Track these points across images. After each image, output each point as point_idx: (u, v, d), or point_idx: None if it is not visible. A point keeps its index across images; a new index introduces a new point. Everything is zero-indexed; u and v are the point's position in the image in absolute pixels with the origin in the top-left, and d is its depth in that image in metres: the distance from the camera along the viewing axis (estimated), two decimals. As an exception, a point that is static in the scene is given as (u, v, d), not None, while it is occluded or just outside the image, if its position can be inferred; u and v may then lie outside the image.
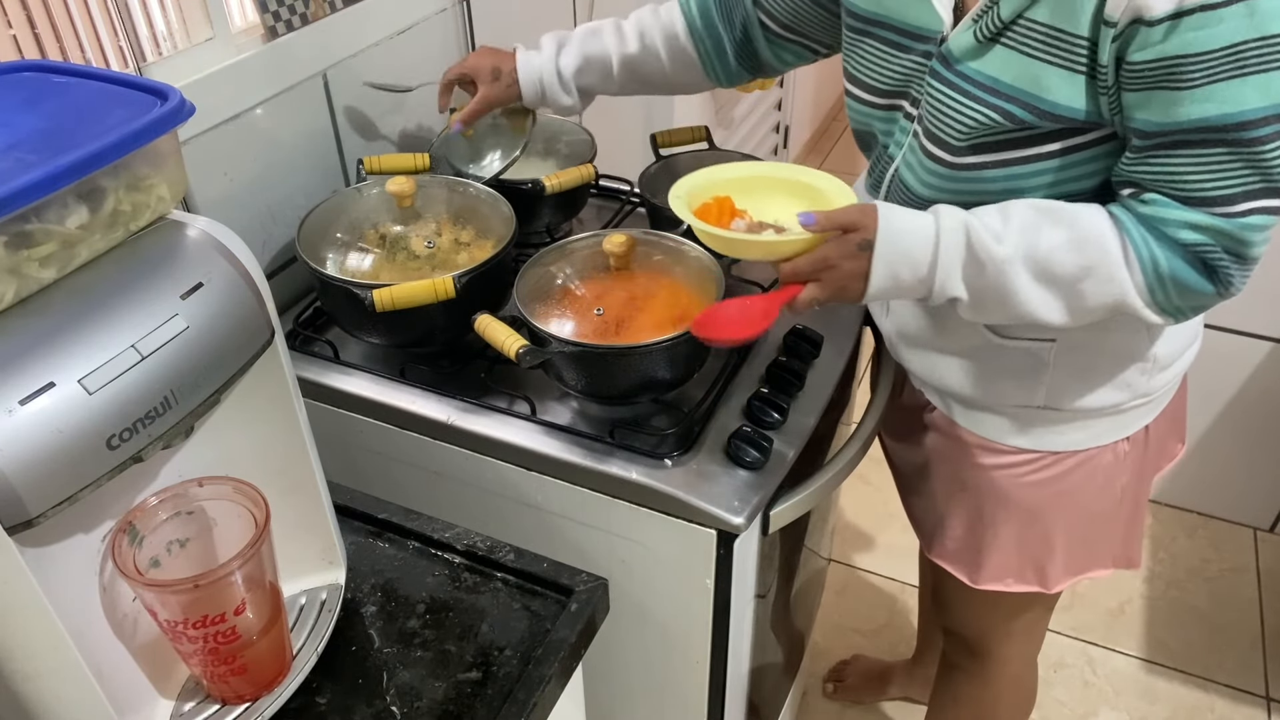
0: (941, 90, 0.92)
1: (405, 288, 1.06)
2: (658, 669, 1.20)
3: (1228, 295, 0.86)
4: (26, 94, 0.65)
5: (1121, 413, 1.05)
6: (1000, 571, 1.17)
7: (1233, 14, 0.75)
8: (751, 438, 1.03)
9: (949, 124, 0.92)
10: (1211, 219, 0.81)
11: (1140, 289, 0.85)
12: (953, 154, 0.93)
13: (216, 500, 0.73)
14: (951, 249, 0.87)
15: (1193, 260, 0.84)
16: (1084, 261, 0.85)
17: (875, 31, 0.98)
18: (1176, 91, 0.79)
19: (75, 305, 0.61)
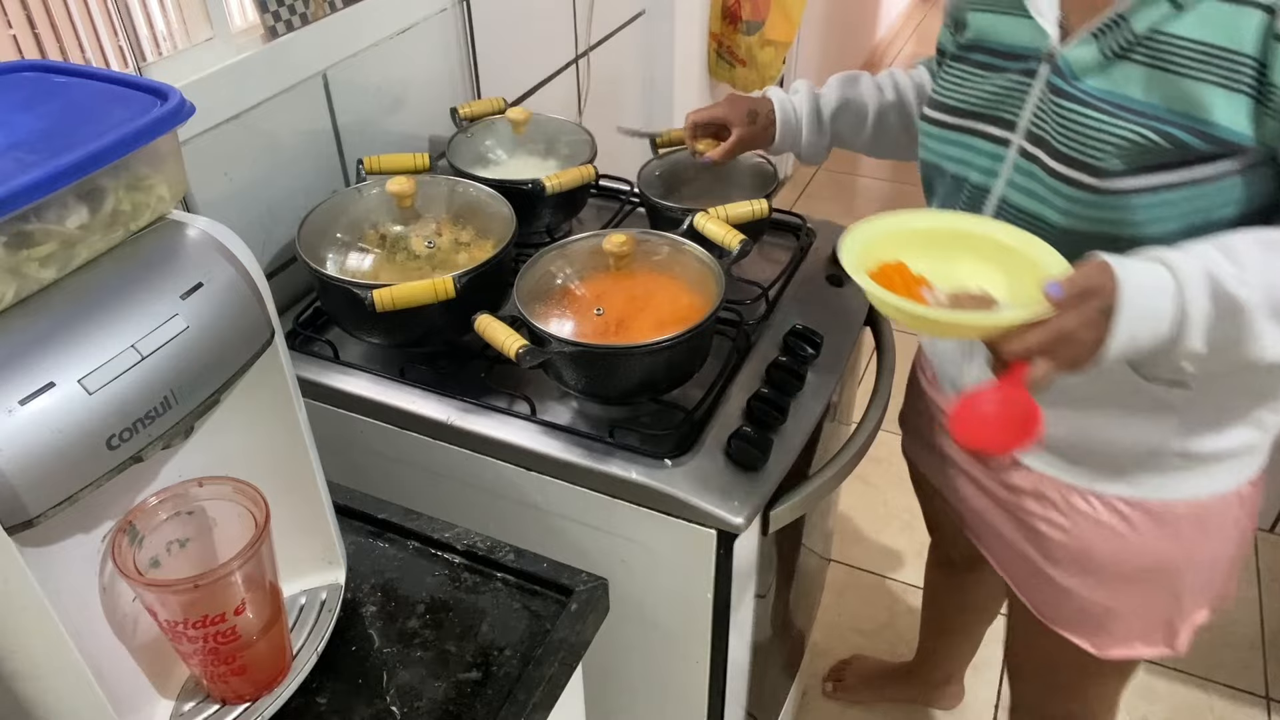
0: (1069, 108, 0.86)
1: (405, 288, 1.06)
2: (658, 669, 1.19)
3: None
4: (26, 94, 0.65)
5: (1251, 453, 1.00)
6: (1129, 638, 1.10)
7: None
8: (751, 438, 1.03)
9: (1092, 144, 0.85)
10: None
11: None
12: (1099, 176, 0.85)
13: (216, 500, 0.73)
14: (1197, 301, 0.78)
15: None
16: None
17: (972, 56, 0.96)
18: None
19: (75, 305, 0.61)
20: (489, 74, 1.59)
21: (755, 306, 1.23)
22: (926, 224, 0.93)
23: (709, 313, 1.02)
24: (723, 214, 1.20)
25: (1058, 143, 0.88)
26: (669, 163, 1.39)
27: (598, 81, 1.99)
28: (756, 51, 2.55)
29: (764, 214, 1.24)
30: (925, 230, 0.92)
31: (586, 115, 1.98)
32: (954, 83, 0.98)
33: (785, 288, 1.27)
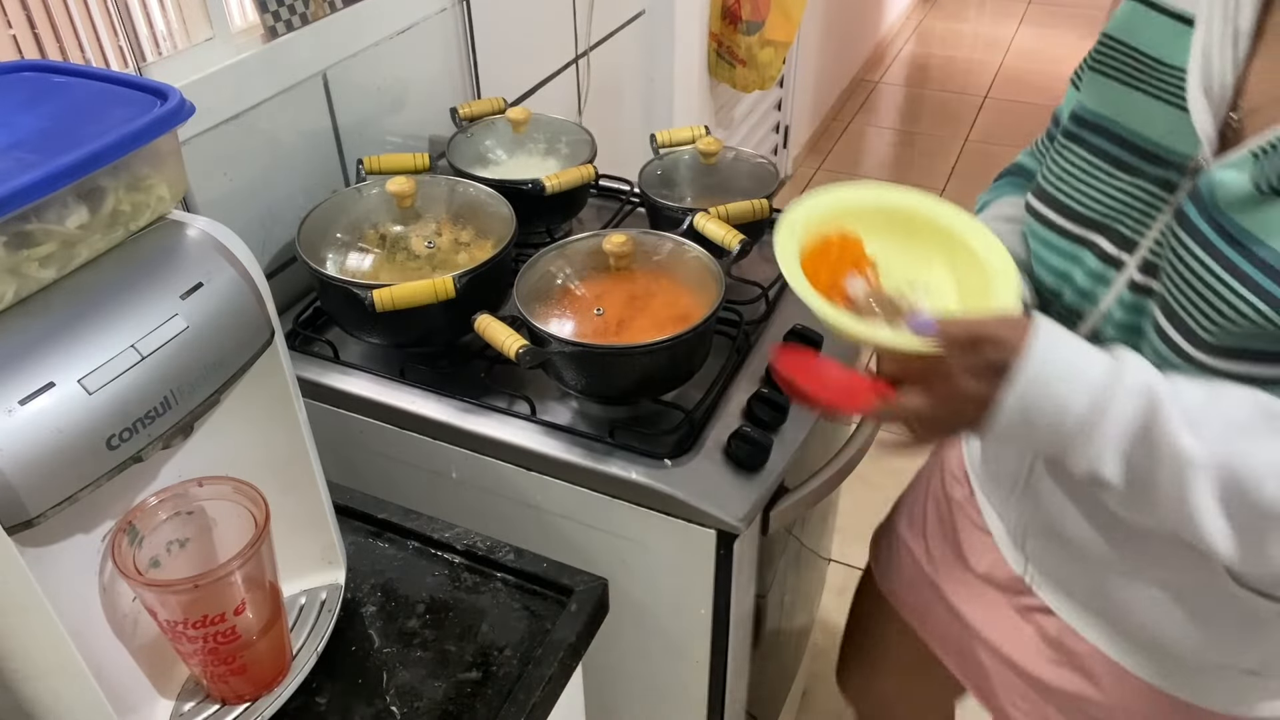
0: (1195, 252, 0.66)
1: (405, 288, 1.06)
2: (658, 669, 1.20)
3: None
4: (26, 94, 0.65)
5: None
6: None
7: None
8: (751, 438, 1.03)
9: (1202, 307, 0.66)
10: None
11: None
12: (1206, 352, 0.66)
13: (216, 500, 0.73)
14: (1122, 418, 0.64)
15: None
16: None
17: (1093, 140, 0.75)
18: None
19: (75, 305, 0.61)
20: (489, 74, 1.59)
21: (755, 306, 1.22)
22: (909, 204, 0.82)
23: (709, 313, 1.02)
24: (723, 214, 1.20)
25: (1174, 296, 0.69)
26: (669, 163, 1.39)
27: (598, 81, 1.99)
28: (756, 51, 2.56)
29: (764, 214, 1.25)
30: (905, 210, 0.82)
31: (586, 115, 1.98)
32: (1074, 173, 0.76)
33: (785, 287, 1.27)
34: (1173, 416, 0.63)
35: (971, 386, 0.68)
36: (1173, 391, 0.64)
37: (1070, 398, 0.65)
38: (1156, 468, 0.64)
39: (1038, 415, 0.66)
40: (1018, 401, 0.66)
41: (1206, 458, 0.63)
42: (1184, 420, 0.63)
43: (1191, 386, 0.65)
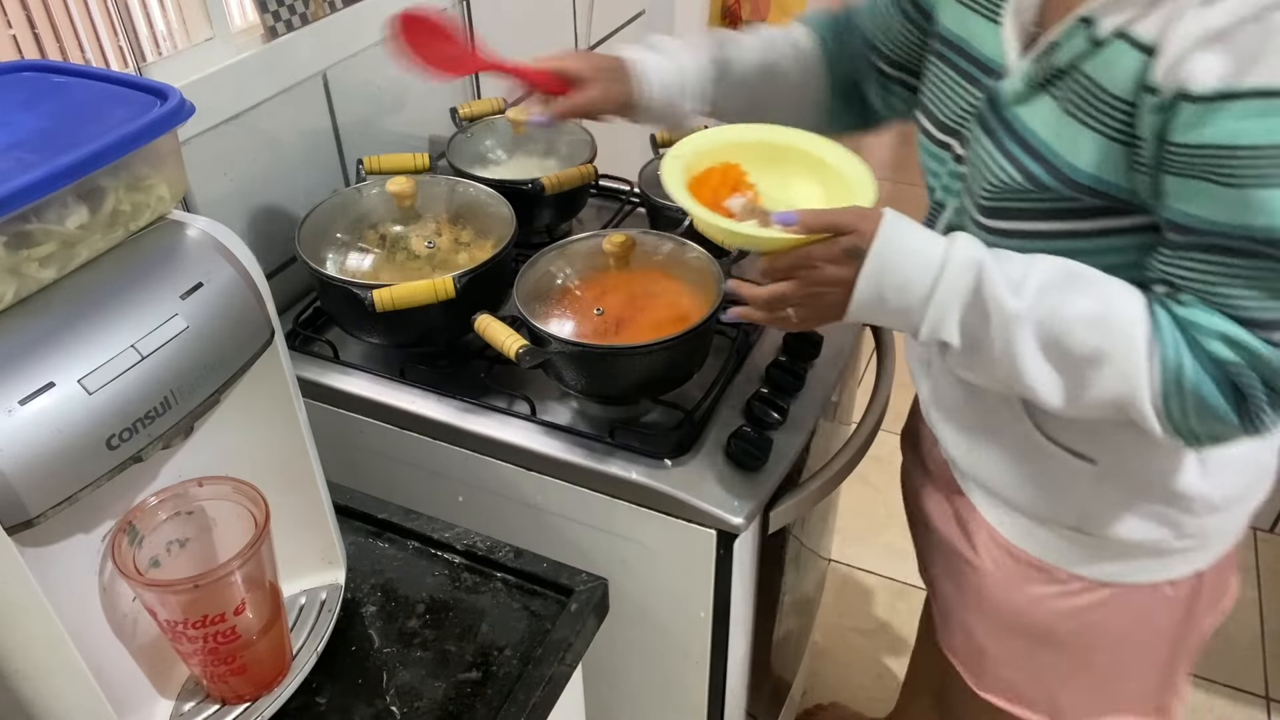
0: (981, 138, 0.81)
1: (405, 288, 1.06)
2: (658, 669, 1.19)
3: (1251, 434, 0.73)
4: (26, 94, 0.65)
5: (1165, 553, 0.92)
6: (1007, 690, 1.05)
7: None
8: (751, 438, 1.03)
9: (979, 178, 0.81)
10: (1253, 340, 0.69)
11: (1155, 394, 0.73)
12: (980, 214, 0.82)
13: (216, 500, 0.73)
14: (955, 286, 0.75)
15: (1222, 380, 0.71)
16: (1103, 345, 0.73)
17: (951, 55, 0.87)
18: (1221, 188, 0.66)
19: (75, 305, 0.61)
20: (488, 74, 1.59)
21: (755, 306, 1.22)
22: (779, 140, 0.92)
23: (709, 313, 1.02)
24: (723, 214, 1.20)
25: (969, 172, 0.84)
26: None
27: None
28: (756, 51, 2.55)
29: (764, 214, 1.24)
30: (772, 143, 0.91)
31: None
32: (939, 88, 0.89)
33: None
34: (997, 282, 0.75)
35: (832, 271, 0.79)
36: (996, 262, 0.76)
37: (913, 273, 0.76)
38: (987, 326, 0.76)
39: (888, 291, 0.77)
40: (870, 280, 0.77)
41: (1026, 313, 0.74)
42: (1006, 284, 0.74)
43: (1012, 258, 0.77)
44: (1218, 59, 0.65)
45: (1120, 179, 0.74)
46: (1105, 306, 0.74)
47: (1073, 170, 0.75)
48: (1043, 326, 0.74)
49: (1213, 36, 0.65)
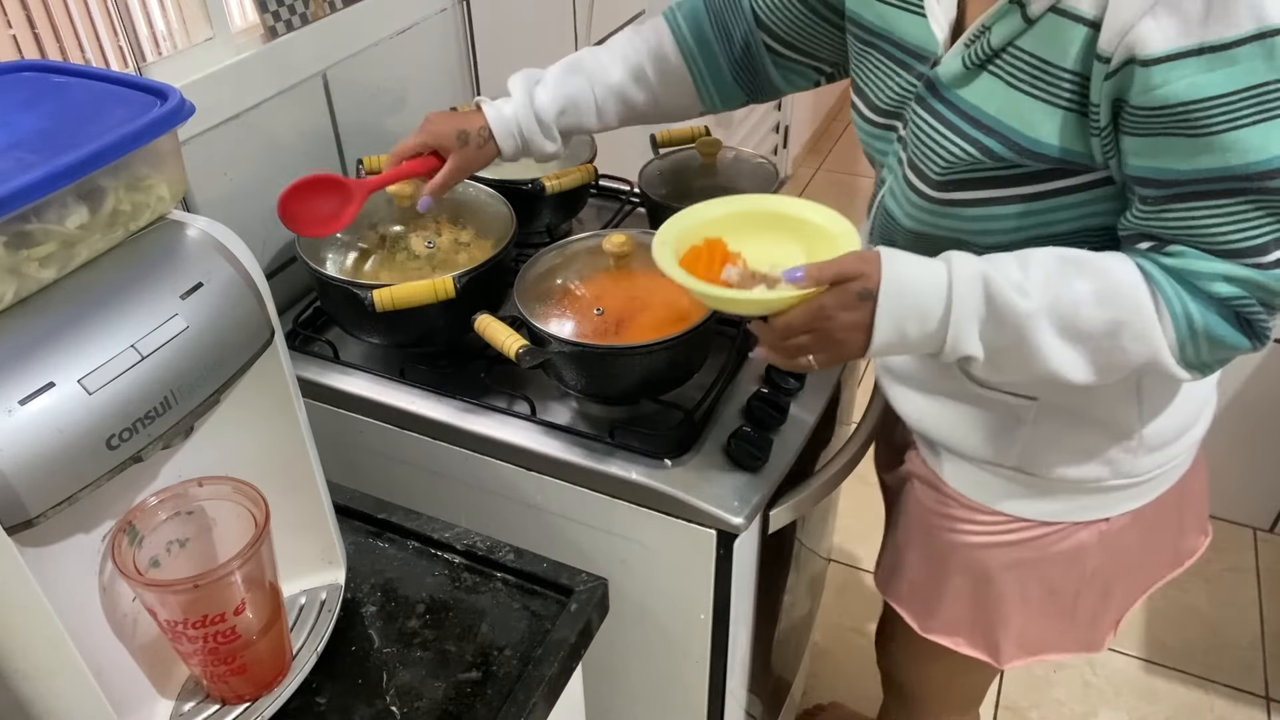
0: (924, 118, 0.86)
1: (405, 288, 1.06)
2: (658, 669, 1.20)
3: (1260, 347, 0.79)
4: (26, 94, 0.65)
5: (1102, 491, 0.97)
6: (951, 628, 1.11)
7: (1247, 54, 0.68)
8: (751, 438, 1.03)
9: (929, 155, 0.86)
10: (1246, 271, 0.75)
11: (1173, 346, 0.78)
12: (931, 187, 0.87)
13: (216, 500, 0.73)
14: (968, 301, 0.79)
15: (1228, 314, 0.77)
16: (1115, 316, 0.78)
17: (880, 45, 0.92)
18: (1193, 139, 0.72)
19: (75, 305, 0.61)
20: (489, 74, 1.59)
21: (755, 306, 1.22)
22: (750, 207, 0.94)
23: (709, 313, 1.02)
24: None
25: (912, 149, 0.88)
26: (669, 162, 1.39)
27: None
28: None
29: (764, 214, 1.24)
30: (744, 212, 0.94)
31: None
32: (872, 77, 0.93)
33: (785, 288, 1.27)
34: (1003, 288, 0.78)
35: (847, 317, 0.81)
36: (996, 269, 0.79)
37: (926, 301, 0.80)
38: (1003, 330, 0.79)
39: (908, 324, 0.80)
40: (888, 318, 0.80)
41: (1036, 308, 0.78)
42: (1013, 288, 0.78)
43: (1006, 261, 0.80)
44: (1166, 21, 0.70)
45: (1072, 144, 0.79)
46: (1105, 281, 0.78)
47: (1027, 140, 0.80)
48: (1055, 316, 0.78)
49: (1158, 1, 0.70)
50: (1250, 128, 0.70)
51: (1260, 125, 0.70)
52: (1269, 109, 0.70)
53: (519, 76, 1.10)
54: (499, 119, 1.07)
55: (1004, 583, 1.04)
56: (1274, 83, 0.69)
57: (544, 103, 1.08)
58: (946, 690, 1.26)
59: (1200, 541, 1.14)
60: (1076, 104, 0.77)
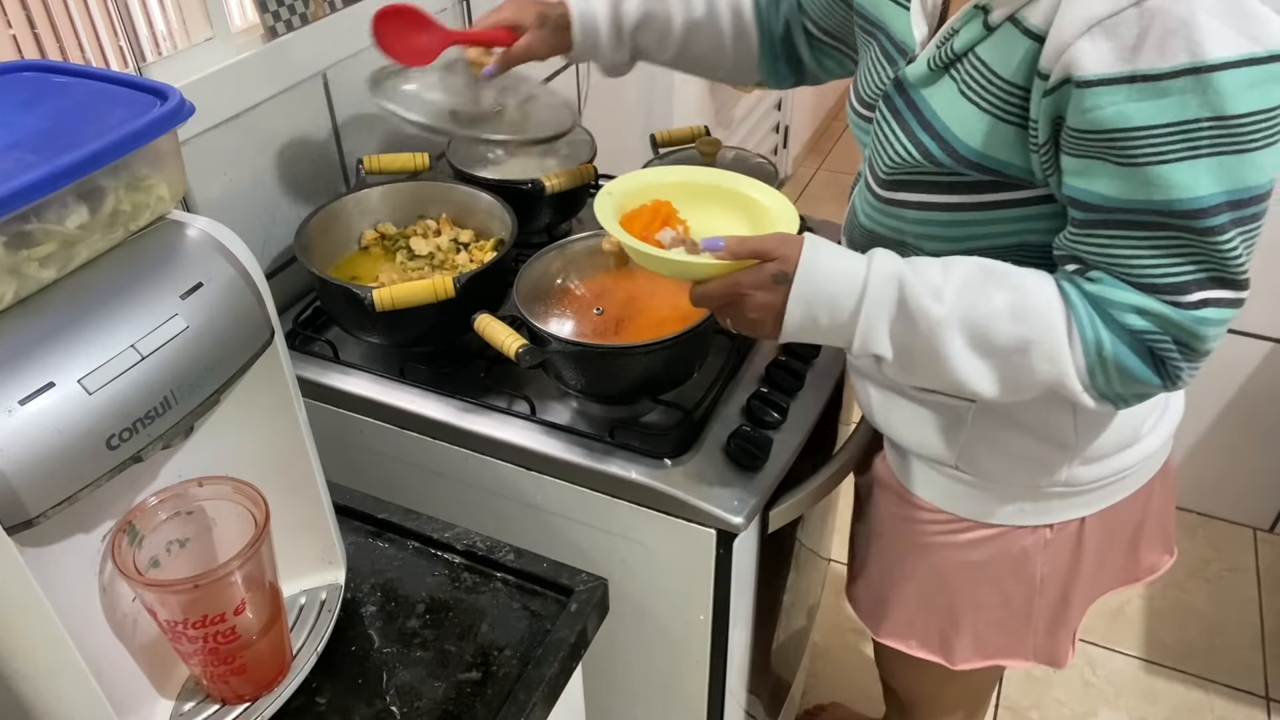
0: (886, 115, 0.87)
1: (405, 287, 1.06)
2: (658, 669, 1.20)
3: (1173, 389, 0.79)
4: (26, 94, 0.65)
5: (1043, 497, 0.97)
6: (903, 630, 1.11)
7: (1179, 87, 0.67)
8: (751, 437, 1.03)
9: (881, 152, 0.87)
10: (1162, 306, 0.74)
11: (1080, 371, 0.78)
12: (879, 185, 0.88)
13: (216, 500, 0.73)
14: (880, 300, 0.79)
15: (1139, 348, 0.76)
16: (1026, 333, 0.77)
17: (877, 37, 0.92)
18: (1119, 166, 0.71)
19: (75, 305, 0.61)
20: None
21: (755, 306, 1.22)
22: (704, 179, 0.96)
23: (708, 312, 1.02)
24: (723, 214, 1.20)
25: (871, 147, 0.89)
26: (669, 162, 1.39)
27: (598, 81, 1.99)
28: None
29: (764, 214, 1.24)
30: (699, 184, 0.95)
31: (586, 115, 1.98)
32: (866, 68, 0.93)
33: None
34: (918, 290, 0.78)
35: (761, 298, 0.81)
36: (914, 271, 0.79)
37: (839, 293, 0.79)
38: (915, 333, 0.79)
39: (819, 311, 0.80)
40: (800, 303, 0.80)
41: (949, 315, 0.77)
42: (927, 292, 0.78)
43: (929, 265, 0.80)
44: (1102, 45, 0.68)
45: (1010, 157, 0.78)
46: (1022, 297, 0.77)
47: (964, 148, 0.80)
48: (967, 325, 0.78)
49: (1096, 23, 0.69)
50: (1177, 164, 0.69)
51: (1187, 163, 0.68)
52: (1198, 147, 0.68)
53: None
54: (581, 10, 1.11)
55: (955, 585, 1.05)
56: (1206, 121, 0.67)
57: (627, 9, 1.11)
58: (938, 697, 1.26)
59: (1164, 560, 1.12)
60: (1018, 117, 0.77)
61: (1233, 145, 0.68)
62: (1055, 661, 1.11)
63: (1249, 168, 0.69)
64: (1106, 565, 1.07)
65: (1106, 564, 1.07)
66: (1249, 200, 0.70)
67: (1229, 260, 0.72)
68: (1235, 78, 0.66)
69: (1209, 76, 0.66)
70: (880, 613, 1.12)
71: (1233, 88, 0.66)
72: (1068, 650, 1.10)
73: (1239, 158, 0.68)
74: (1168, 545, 1.13)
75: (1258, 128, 0.68)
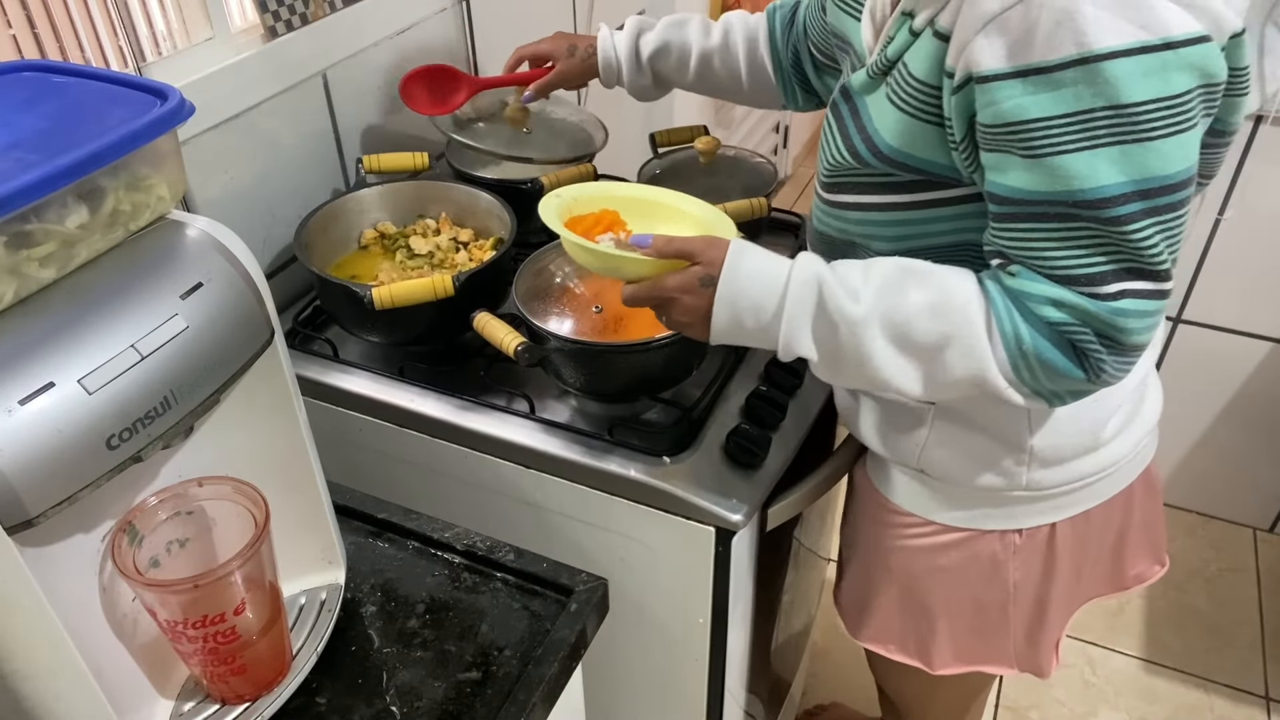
0: (831, 120, 0.89)
1: (404, 286, 1.06)
2: (657, 668, 1.20)
3: (1101, 384, 0.77)
4: (26, 94, 0.65)
5: (1006, 502, 0.97)
6: (881, 634, 1.11)
7: (1071, 78, 0.67)
8: (750, 435, 1.03)
9: (822, 156, 0.89)
10: (1078, 298, 0.73)
11: (1003, 365, 0.77)
12: (823, 188, 0.90)
13: (216, 500, 0.73)
14: (800, 302, 0.80)
15: (1058, 341, 0.75)
16: (945, 329, 0.77)
17: (846, 50, 0.94)
18: (1024, 159, 0.71)
19: (75, 305, 0.61)
20: (489, 74, 1.59)
21: (755, 306, 1.22)
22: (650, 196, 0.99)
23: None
24: (722, 213, 1.20)
25: (819, 152, 0.92)
26: (668, 162, 1.39)
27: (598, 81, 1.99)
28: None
29: (763, 213, 1.25)
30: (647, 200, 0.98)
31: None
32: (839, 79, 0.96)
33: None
34: (837, 292, 0.79)
35: (688, 301, 0.83)
36: (834, 273, 0.80)
37: (761, 296, 0.81)
38: (836, 335, 0.80)
39: (744, 315, 0.81)
40: (725, 306, 0.81)
41: (868, 315, 0.78)
42: (846, 293, 0.79)
43: (851, 267, 0.82)
44: (996, 41, 0.70)
45: (933, 155, 0.80)
46: (941, 294, 0.78)
47: (887, 147, 0.82)
48: (887, 325, 0.79)
49: (990, 20, 0.71)
50: (1076, 154, 0.69)
51: (1086, 152, 0.69)
52: (1096, 136, 0.68)
53: (635, 17, 1.23)
54: (605, 41, 1.22)
55: (927, 589, 1.05)
56: (1101, 110, 0.68)
57: (646, 41, 1.20)
58: (927, 701, 1.26)
59: (1153, 571, 1.12)
60: (934, 117, 0.78)
61: (1132, 134, 0.68)
62: (1038, 670, 1.10)
63: (1153, 156, 0.69)
64: (1086, 573, 1.06)
65: (1086, 571, 1.06)
66: (1159, 190, 0.70)
67: (1143, 251, 0.71)
68: (1126, 66, 0.66)
69: (1098, 66, 0.67)
70: (861, 616, 1.13)
71: (1125, 76, 0.66)
72: (1051, 659, 1.10)
73: (1142, 146, 0.68)
74: (1157, 555, 1.12)
75: (1157, 116, 0.68)
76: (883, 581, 1.08)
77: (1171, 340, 1.99)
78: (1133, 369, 0.78)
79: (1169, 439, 1.52)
